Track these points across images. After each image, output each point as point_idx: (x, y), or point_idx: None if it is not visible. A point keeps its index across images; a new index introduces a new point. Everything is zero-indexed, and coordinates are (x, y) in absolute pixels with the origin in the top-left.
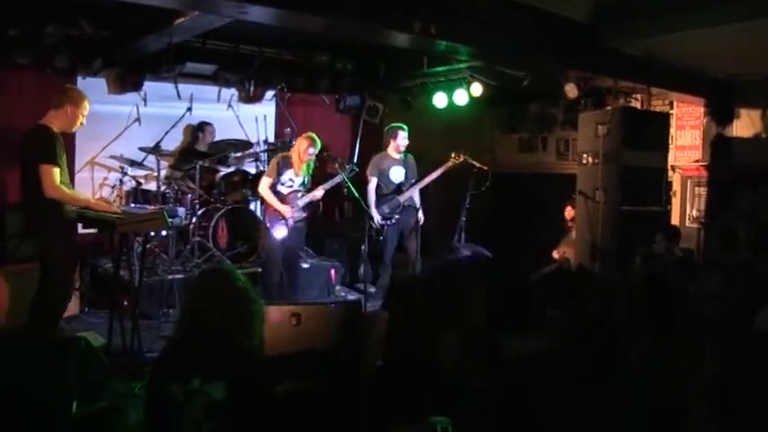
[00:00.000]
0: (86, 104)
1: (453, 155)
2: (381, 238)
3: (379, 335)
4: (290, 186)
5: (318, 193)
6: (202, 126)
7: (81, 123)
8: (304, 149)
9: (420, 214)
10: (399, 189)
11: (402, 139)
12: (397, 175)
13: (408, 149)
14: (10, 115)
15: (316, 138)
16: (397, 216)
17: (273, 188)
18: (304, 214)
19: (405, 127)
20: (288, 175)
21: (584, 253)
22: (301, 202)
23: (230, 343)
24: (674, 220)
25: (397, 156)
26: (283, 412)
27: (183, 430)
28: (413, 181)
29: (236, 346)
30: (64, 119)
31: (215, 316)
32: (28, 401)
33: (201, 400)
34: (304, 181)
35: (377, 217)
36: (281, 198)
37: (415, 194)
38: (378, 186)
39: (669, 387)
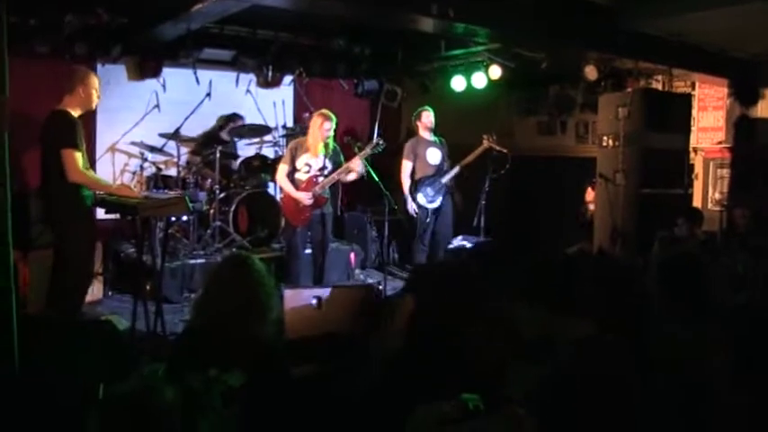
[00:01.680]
0: (94, 79)
1: (486, 137)
2: (428, 220)
3: (401, 319)
4: (308, 171)
5: (355, 165)
6: (234, 117)
7: (98, 98)
8: (319, 126)
9: (457, 197)
10: (439, 170)
11: (427, 117)
12: (433, 156)
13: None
14: (30, 103)
15: (329, 113)
16: (441, 198)
17: (291, 176)
18: (326, 197)
19: (428, 108)
20: (303, 159)
21: (605, 237)
22: (319, 188)
23: (245, 331)
24: (696, 203)
25: (429, 137)
26: (301, 396)
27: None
28: (446, 164)
29: (251, 334)
30: (79, 100)
31: (228, 304)
32: (54, 384)
33: (219, 389)
34: (324, 165)
35: (411, 203)
36: (300, 185)
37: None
38: (413, 171)
39: (700, 366)
